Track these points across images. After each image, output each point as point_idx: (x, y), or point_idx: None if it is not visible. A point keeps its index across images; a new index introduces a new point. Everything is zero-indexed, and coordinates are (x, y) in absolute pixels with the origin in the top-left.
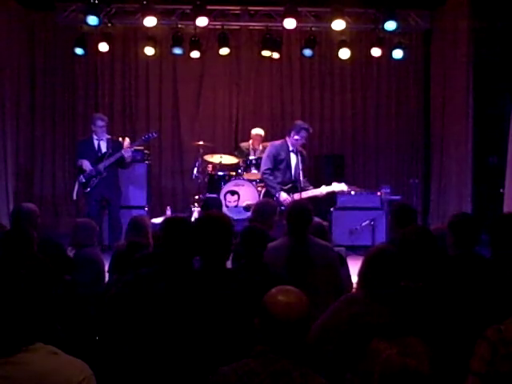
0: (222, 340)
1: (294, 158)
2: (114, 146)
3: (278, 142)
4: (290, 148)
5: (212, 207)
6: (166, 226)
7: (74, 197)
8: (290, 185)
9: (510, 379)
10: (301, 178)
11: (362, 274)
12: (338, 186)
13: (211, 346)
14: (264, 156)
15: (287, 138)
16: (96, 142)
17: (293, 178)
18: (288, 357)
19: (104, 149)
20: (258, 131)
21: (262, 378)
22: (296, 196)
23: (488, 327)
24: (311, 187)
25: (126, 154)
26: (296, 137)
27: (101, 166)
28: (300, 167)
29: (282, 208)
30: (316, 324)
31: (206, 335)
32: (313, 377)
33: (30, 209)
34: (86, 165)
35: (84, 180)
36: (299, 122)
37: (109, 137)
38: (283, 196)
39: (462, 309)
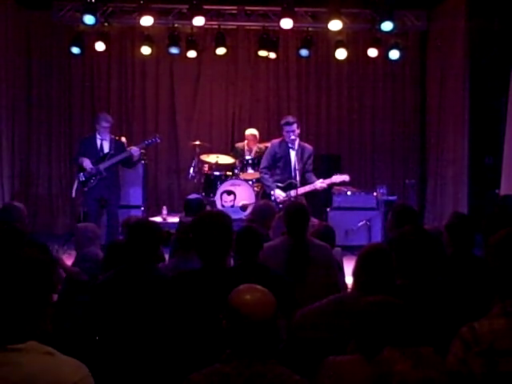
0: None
1: (293, 155)
2: (117, 146)
3: (276, 140)
4: (289, 145)
5: (194, 209)
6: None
7: (73, 194)
8: (287, 182)
9: (481, 377)
10: (297, 177)
11: (355, 272)
12: (339, 178)
13: (208, 346)
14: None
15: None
16: (99, 142)
17: (292, 175)
18: (259, 358)
19: (106, 149)
20: (251, 131)
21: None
22: (293, 192)
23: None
24: (316, 180)
25: (135, 153)
26: (283, 133)
27: (101, 166)
28: (297, 165)
29: (278, 206)
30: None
31: (204, 334)
32: (288, 376)
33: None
34: (87, 163)
35: (84, 178)
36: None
37: (112, 137)
38: (277, 193)
39: (458, 307)
